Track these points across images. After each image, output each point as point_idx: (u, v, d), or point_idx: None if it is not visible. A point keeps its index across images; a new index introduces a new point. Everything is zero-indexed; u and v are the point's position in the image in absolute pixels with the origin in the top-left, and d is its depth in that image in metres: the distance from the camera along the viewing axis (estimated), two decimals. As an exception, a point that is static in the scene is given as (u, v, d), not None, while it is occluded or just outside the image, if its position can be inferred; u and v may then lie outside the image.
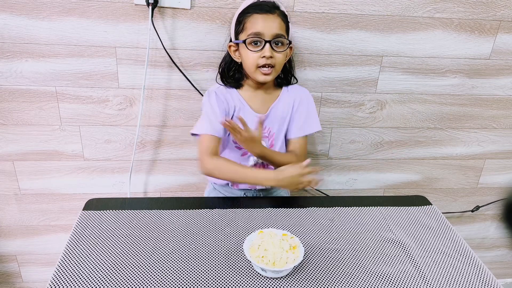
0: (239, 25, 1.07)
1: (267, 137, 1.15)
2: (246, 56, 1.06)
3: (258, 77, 1.07)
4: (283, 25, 1.05)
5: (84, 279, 0.79)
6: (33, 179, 1.36)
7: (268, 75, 1.05)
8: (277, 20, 1.04)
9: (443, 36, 1.30)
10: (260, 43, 1.03)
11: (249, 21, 1.04)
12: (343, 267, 0.86)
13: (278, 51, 1.05)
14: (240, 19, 1.07)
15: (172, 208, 1.03)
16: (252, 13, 1.04)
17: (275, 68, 1.06)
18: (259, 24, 1.03)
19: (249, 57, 1.05)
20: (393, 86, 1.37)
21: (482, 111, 1.45)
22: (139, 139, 1.34)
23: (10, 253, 1.49)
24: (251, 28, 1.03)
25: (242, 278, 0.81)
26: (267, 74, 1.05)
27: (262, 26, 1.02)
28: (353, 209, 1.07)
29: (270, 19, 1.03)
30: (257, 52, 1.04)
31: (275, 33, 1.03)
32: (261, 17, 1.03)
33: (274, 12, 1.04)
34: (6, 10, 1.12)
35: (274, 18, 1.04)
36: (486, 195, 1.62)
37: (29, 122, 1.27)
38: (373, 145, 1.46)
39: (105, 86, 1.25)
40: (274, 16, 1.04)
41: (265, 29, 1.02)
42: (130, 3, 1.15)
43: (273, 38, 1.03)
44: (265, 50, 1.03)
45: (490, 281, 0.85)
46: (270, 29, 1.02)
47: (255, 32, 1.03)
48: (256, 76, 1.07)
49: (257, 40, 1.03)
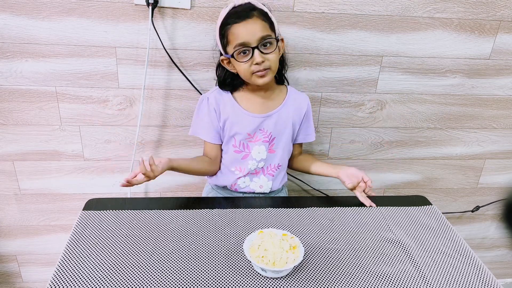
0: (223, 39, 1.05)
1: (267, 141, 1.14)
2: (238, 67, 1.05)
3: (256, 82, 1.05)
4: (265, 25, 1.02)
5: (84, 279, 0.79)
6: (33, 179, 1.36)
7: (265, 77, 1.04)
8: (257, 22, 1.01)
9: (443, 36, 1.30)
10: (249, 52, 1.01)
11: (230, 33, 1.02)
12: (343, 267, 0.86)
13: (268, 52, 1.03)
14: (223, 32, 1.04)
15: (172, 208, 1.03)
16: (231, 24, 1.01)
17: (270, 69, 1.04)
18: (240, 33, 1.00)
19: (242, 67, 1.04)
20: (393, 86, 1.37)
21: (482, 111, 1.45)
22: (139, 139, 1.34)
23: (10, 253, 1.49)
24: (235, 40, 1.01)
25: (242, 278, 0.81)
26: (264, 76, 1.04)
27: (244, 34, 1.00)
28: (353, 209, 1.07)
29: (250, 24, 1.00)
30: (248, 62, 1.02)
31: (259, 37, 1.00)
32: (241, 26, 1.00)
33: (251, 16, 1.01)
34: (6, 10, 1.12)
35: (254, 22, 1.00)
36: (486, 195, 1.62)
37: (29, 122, 1.27)
38: (373, 145, 1.46)
39: (105, 86, 1.25)
40: (253, 20, 1.01)
41: (248, 36, 1.00)
42: (130, 3, 1.15)
43: (259, 42, 1.00)
44: (255, 58, 1.01)
45: (490, 281, 0.85)
46: (253, 35, 1.00)
47: (239, 43, 1.00)
48: (255, 82, 1.06)
49: (244, 49, 1.01)
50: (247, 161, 1.14)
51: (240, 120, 1.11)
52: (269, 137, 1.14)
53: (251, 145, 1.13)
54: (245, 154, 1.14)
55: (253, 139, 1.13)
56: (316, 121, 1.37)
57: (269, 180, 1.17)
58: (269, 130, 1.13)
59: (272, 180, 1.17)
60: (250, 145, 1.14)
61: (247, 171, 1.15)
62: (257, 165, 1.15)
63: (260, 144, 1.13)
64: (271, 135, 1.14)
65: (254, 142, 1.13)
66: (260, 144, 1.13)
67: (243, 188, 1.17)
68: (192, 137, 1.34)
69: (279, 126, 1.14)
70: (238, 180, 1.16)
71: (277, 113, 1.13)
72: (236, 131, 1.12)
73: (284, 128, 1.15)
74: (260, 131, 1.13)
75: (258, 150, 1.13)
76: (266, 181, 1.17)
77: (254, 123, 1.11)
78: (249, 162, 1.14)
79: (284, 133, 1.15)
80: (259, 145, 1.13)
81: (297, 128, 1.18)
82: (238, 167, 1.15)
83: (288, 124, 1.15)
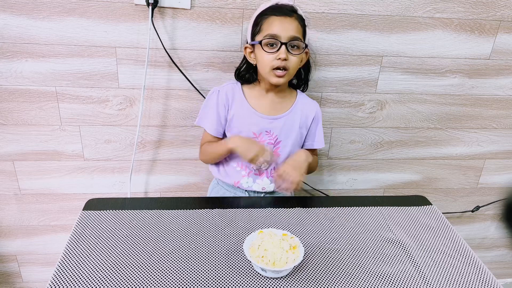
0: (256, 27, 1.07)
1: (272, 143, 1.14)
2: (261, 57, 1.06)
3: (271, 79, 1.07)
4: (300, 28, 1.06)
5: (84, 279, 0.79)
6: (33, 179, 1.36)
7: (281, 78, 1.06)
8: (294, 23, 1.04)
9: (443, 36, 1.30)
10: (276, 45, 1.03)
11: (266, 22, 1.05)
12: (343, 267, 0.86)
13: (294, 54, 1.05)
14: (258, 21, 1.07)
15: (172, 208, 1.03)
16: (270, 15, 1.05)
17: (288, 72, 1.06)
18: (276, 26, 1.03)
19: (264, 58, 1.05)
20: (393, 86, 1.37)
21: (482, 111, 1.45)
22: (139, 139, 1.34)
23: (10, 253, 1.49)
24: (268, 30, 1.04)
25: (242, 278, 0.81)
26: (281, 77, 1.05)
27: (279, 28, 1.03)
28: (353, 209, 1.07)
29: (287, 21, 1.03)
30: (273, 54, 1.04)
31: (291, 36, 1.03)
32: (278, 19, 1.04)
33: (291, 15, 1.05)
34: (6, 10, 1.12)
35: (291, 21, 1.04)
36: (486, 195, 1.62)
37: (29, 122, 1.27)
38: (373, 145, 1.46)
39: (105, 86, 1.25)
40: (291, 19, 1.04)
41: (281, 31, 1.02)
42: (130, 3, 1.15)
43: (289, 40, 1.03)
44: (280, 52, 1.03)
45: (490, 281, 0.85)
46: (287, 31, 1.03)
47: (271, 34, 1.03)
48: (270, 78, 1.07)
49: (273, 42, 1.03)
50: None
51: (247, 118, 1.12)
52: (275, 139, 1.14)
53: None
54: None
55: (258, 140, 1.13)
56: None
57: (271, 182, 1.17)
58: (276, 133, 1.13)
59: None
60: None
61: (250, 170, 1.15)
62: (260, 166, 1.15)
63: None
64: (277, 138, 1.14)
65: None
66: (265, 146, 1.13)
67: (245, 187, 1.17)
68: (192, 137, 1.35)
69: (285, 130, 1.14)
70: (242, 179, 1.16)
71: (285, 116, 1.14)
72: (242, 129, 1.12)
73: (290, 133, 1.15)
74: (267, 133, 1.13)
75: None
76: (269, 183, 1.17)
77: (261, 124, 1.12)
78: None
79: (290, 137, 1.15)
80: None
81: (305, 134, 1.19)
82: (240, 164, 1.15)
83: (295, 128, 1.15)
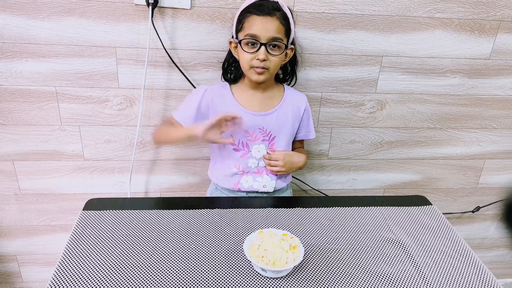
0: (238, 24, 1.07)
1: (267, 140, 1.14)
2: (242, 56, 1.07)
3: (251, 76, 1.08)
4: (281, 28, 1.05)
5: (84, 279, 0.79)
6: (33, 179, 1.36)
7: (261, 75, 1.07)
8: (276, 23, 1.03)
9: (443, 36, 1.30)
10: (256, 45, 1.04)
11: (247, 21, 1.04)
12: (343, 267, 0.86)
13: (274, 54, 1.05)
14: (240, 18, 1.07)
15: (172, 208, 1.03)
16: (252, 13, 1.04)
17: (269, 70, 1.06)
18: (256, 26, 1.03)
19: (244, 57, 1.06)
20: (393, 86, 1.37)
21: (482, 111, 1.45)
22: (139, 139, 1.33)
23: (10, 253, 1.49)
24: (248, 29, 1.04)
25: (242, 278, 0.81)
26: (260, 74, 1.06)
27: (259, 28, 1.02)
28: (353, 209, 1.07)
29: (268, 21, 1.03)
30: (252, 54, 1.04)
31: (271, 36, 1.03)
32: (259, 19, 1.03)
33: (273, 15, 1.03)
34: (6, 10, 1.12)
35: (273, 21, 1.03)
36: (486, 195, 1.62)
37: (29, 122, 1.27)
38: (373, 145, 1.46)
39: (105, 86, 1.25)
40: (272, 19, 1.03)
41: (261, 31, 1.02)
42: (130, 3, 1.15)
43: (269, 41, 1.03)
44: (259, 53, 1.03)
45: (490, 281, 0.85)
46: (267, 32, 1.02)
47: (251, 34, 1.03)
48: (250, 75, 1.08)
49: (253, 41, 1.04)
50: (247, 160, 1.14)
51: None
52: (269, 136, 1.14)
53: (250, 144, 1.14)
54: (244, 153, 1.14)
55: (252, 138, 1.13)
56: (316, 121, 1.38)
57: (272, 179, 1.17)
58: (269, 129, 1.13)
59: (276, 179, 1.17)
60: (249, 144, 1.14)
61: (248, 170, 1.15)
62: (257, 164, 1.15)
63: (259, 143, 1.13)
64: (270, 134, 1.14)
65: (253, 141, 1.13)
66: (260, 143, 1.13)
67: (246, 188, 1.17)
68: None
69: (279, 124, 1.14)
70: (241, 179, 1.16)
71: (277, 111, 1.14)
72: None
73: (283, 127, 1.15)
74: (260, 130, 1.13)
75: (258, 149, 1.14)
76: (270, 180, 1.17)
77: (254, 121, 1.12)
78: (249, 161, 1.14)
79: (284, 131, 1.15)
80: (259, 144, 1.13)
81: (297, 126, 1.19)
82: (236, 165, 1.15)
83: (287, 122, 1.15)
